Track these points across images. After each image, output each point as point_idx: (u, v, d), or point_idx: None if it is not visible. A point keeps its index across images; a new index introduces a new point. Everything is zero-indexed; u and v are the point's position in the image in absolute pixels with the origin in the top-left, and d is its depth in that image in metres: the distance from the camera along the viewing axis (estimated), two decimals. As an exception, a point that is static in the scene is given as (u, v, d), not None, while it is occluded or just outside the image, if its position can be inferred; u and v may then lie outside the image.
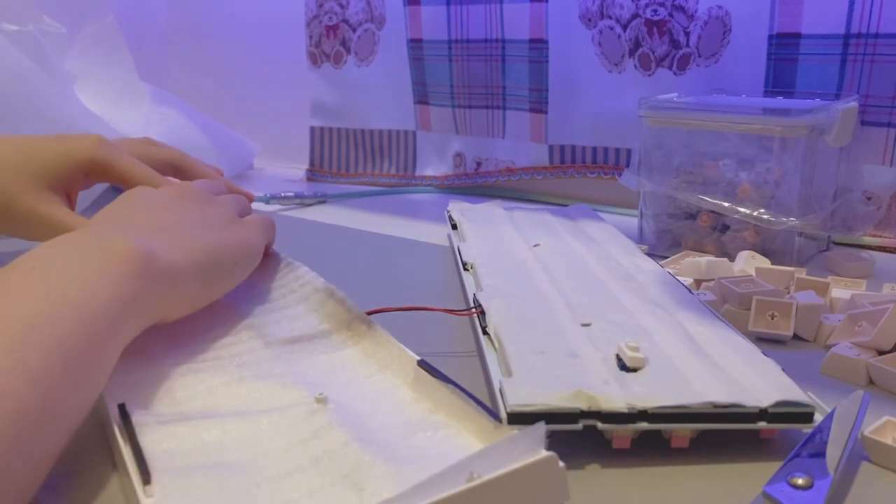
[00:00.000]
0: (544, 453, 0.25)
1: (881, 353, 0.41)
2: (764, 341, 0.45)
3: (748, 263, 0.55)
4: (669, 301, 0.45)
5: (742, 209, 0.57)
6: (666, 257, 0.60)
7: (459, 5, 0.83)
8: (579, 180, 0.81)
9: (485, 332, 0.41)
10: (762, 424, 0.32)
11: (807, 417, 0.32)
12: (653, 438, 0.33)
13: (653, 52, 0.72)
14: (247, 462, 0.29)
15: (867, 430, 0.32)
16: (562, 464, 0.25)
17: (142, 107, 0.88)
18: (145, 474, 0.27)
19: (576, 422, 0.32)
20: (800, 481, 0.28)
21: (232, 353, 0.38)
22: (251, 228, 0.46)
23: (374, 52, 0.92)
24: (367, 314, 0.41)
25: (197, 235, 0.40)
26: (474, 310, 0.45)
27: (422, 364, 0.34)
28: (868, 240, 0.65)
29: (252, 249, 0.45)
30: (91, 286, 0.30)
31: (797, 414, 0.32)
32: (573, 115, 0.79)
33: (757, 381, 0.34)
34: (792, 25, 0.65)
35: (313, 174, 0.99)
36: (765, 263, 0.55)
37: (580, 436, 0.32)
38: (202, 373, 0.36)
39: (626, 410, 0.31)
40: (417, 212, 0.82)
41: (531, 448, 0.25)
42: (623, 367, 0.35)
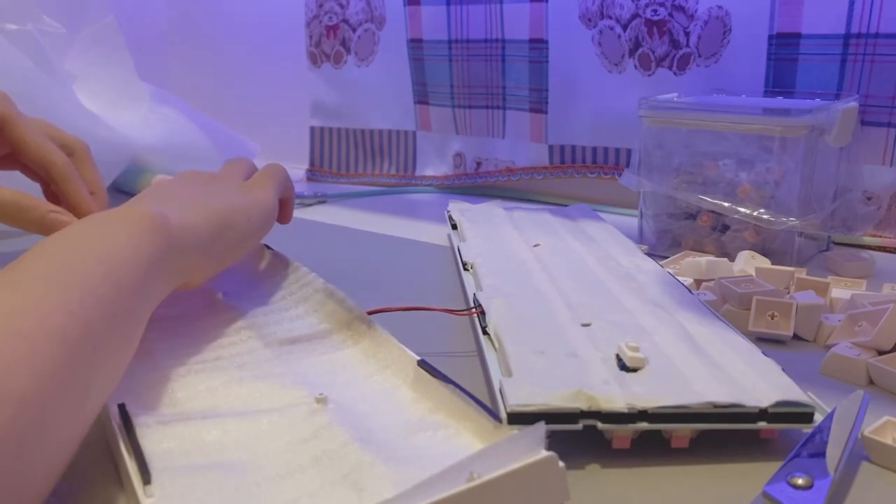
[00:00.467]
0: (544, 453, 0.25)
1: (881, 353, 0.41)
2: (764, 341, 0.45)
3: (748, 263, 0.55)
4: (669, 301, 0.45)
5: (742, 209, 0.57)
6: (666, 257, 0.60)
7: (459, 5, 0.83)
8: (579, 180, 0.81)
9: (485, 332, 0.41)
10: (762, 424, 0.32)
11: (807, 417, 0.32)
12: (653, 438, 0.33)
13: (653, 52, 0.72)
14: (247, 462, 0.29)
15: (867, 430, 0.32)
16: (562, 464, 0.25)
17: (142, 107, 0.88)
18: (145, 474, 0.27)
19: (576, 422, 0.32)
20: (800, 481, 0.28)
21: (232, 354, 0.38)
22: (260, 187, 0.48)
23: (374, 52, 0.92)
24: (368, 314, 0.41)
25: (206, 202, 0.42)
26: (474, 310, 0.45)
27: (422, 364, 0.34)
28: (868, 240, 0.65)
29: (263, 205, 0.46)
30: (112, 244, 0.33)
31: (797, 414, 0.32)
32: (573, 115, 0.79)
33: (757, 381, 0.34)
34: (792, 25, 0.65)
35: (313, 174, 0.99)
36: (765, 263, 0.55)
37: (580, 436, 0.32)
38: (202, 373, 0.36)
39: (626, 410, 0.31)
40: (417, 212, 0.82)
41: (531, 448, 0.25)
42: (623, 367, 0.35)
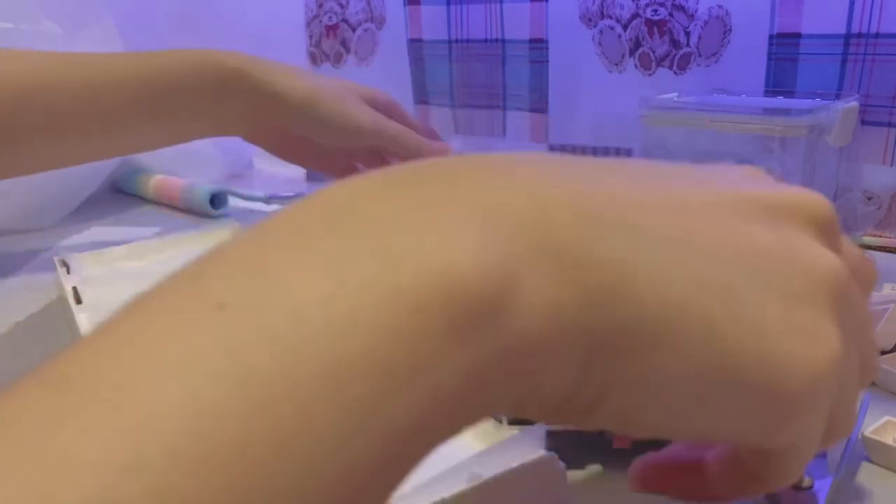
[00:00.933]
0: (544, 453, 0.25)
1: (881, 353, 0.41)
2: (764, 341, 0.45)
3: (748, 263, 0.54)
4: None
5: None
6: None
7: (459, 5, 0.83)
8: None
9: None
10: (762, 424, 0.32)
11: (807, 417, 0.32)
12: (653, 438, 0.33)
13: (653, 52, 0.72)
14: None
15: (867, 430, 0.32)
16: (562, 463, 0.25)
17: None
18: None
19: (576, 422, 0.32)
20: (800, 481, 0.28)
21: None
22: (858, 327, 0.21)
23: (374, 52, 0.92)
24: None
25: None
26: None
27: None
28: (868, 240, 0.65)
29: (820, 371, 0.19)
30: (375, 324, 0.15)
31: (797, 414, 0.32)
32: (574, 115, 0.79)
33: (757, 381, 0.34)
34: (792, 25, 0.65)
35: (313, 174, 0.99)
36: (765, 263, 0.54)
37: (580, 436, 0.32)
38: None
39: (627, 410, 0.31)
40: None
41: (531, 448, 0.25)
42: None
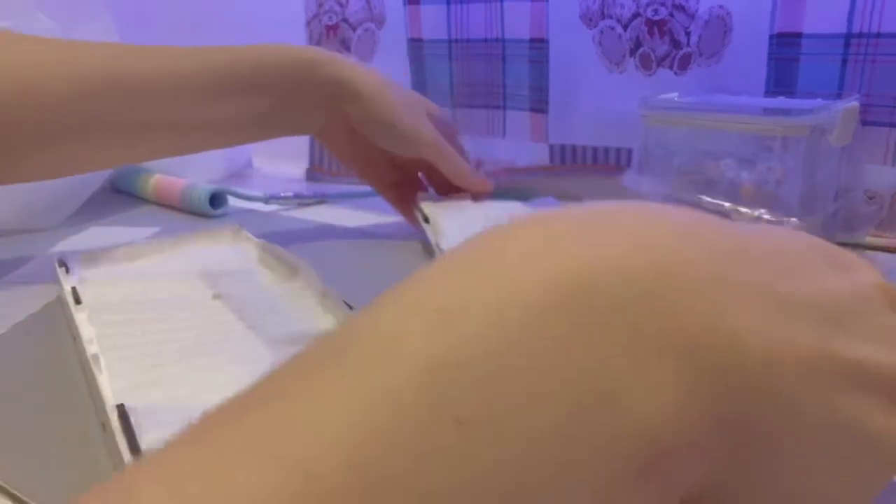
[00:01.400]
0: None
1: (884, 354, 0.40)
2: (766, 341, 0.45)
3: (750, 263, 0.54)
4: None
5: (743, 209, 0.57)
6: (667, 257, 0.60)
7: (459, 4, 0.82)
8: (580, 180, 0.81)
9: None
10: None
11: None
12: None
13: (653, 52, 0.72)
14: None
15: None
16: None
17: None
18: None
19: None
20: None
21: (232, 353, 0.38)
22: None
23: (374, 52, 0.92)
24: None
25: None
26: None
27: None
28: (870, 240, 0.65)
29: None
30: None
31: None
32: (574, 115, 0.79)
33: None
34: (793, 25, 0.64)
35: (313, 174, 0.99)
36: (766, 263, 0.54)
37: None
38: (203, 372, 0.36)
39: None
40: (417, 212, 0.82)
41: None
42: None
